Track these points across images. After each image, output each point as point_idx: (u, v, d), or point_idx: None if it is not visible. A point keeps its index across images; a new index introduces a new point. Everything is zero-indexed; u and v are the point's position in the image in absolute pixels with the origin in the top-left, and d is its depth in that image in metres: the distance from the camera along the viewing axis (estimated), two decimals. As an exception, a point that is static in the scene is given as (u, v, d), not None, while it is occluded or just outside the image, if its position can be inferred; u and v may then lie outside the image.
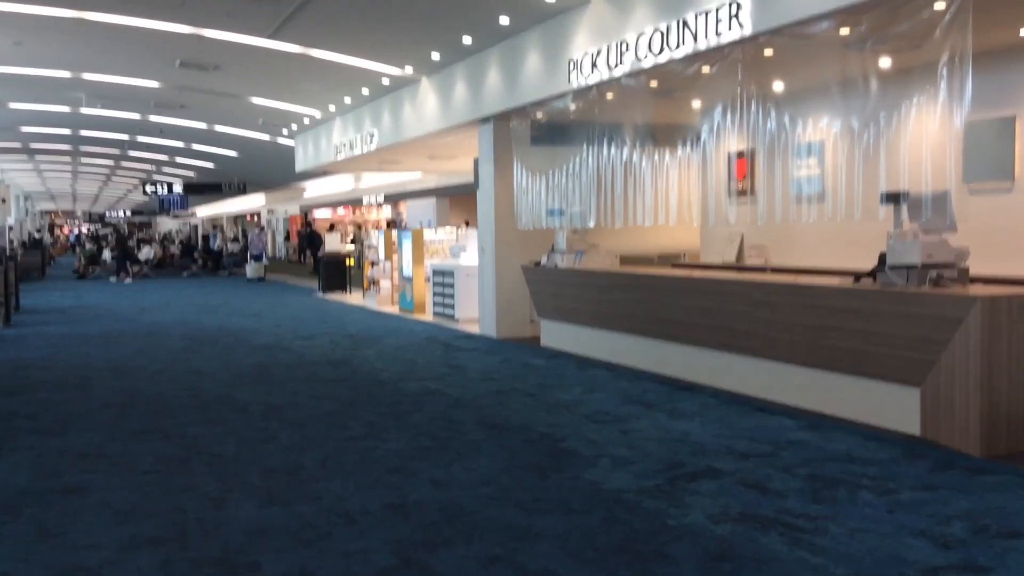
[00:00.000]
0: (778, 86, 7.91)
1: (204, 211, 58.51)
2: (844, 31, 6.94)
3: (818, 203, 8.55)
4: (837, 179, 7.22)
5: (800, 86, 7.62)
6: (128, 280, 27.08)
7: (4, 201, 38.80)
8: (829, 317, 6.85)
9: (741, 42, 7.47)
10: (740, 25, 7.36)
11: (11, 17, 12.26)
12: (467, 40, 11.75)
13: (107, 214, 68.34)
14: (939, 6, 6.18)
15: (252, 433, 6.63)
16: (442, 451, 6.01)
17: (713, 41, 7.66)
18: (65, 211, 75.38)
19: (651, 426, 6.67)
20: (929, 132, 6.87)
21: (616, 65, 9.04)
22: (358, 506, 4.81)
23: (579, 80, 9.70)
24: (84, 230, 65.44)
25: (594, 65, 9.40)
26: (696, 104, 9.23)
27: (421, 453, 5.96)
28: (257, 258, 27.41)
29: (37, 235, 48.17)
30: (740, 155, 10.69)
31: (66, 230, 71.53)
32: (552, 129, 11.15)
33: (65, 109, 19.93)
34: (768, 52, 7.68)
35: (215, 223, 55.30)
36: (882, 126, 6.81)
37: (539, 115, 11.22)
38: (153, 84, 16.76)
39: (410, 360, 10.17)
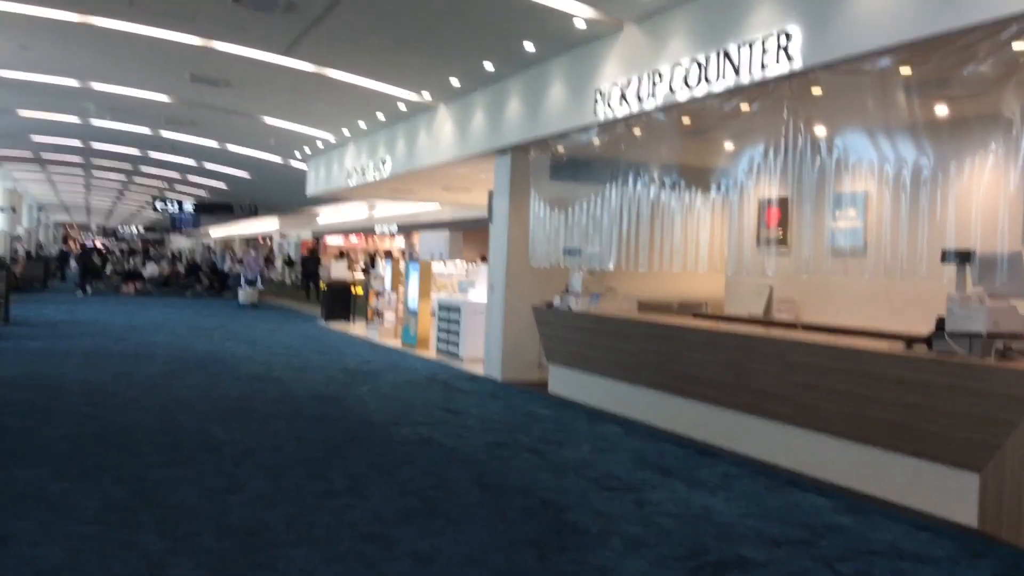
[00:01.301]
0: (827, 128, 7.20)
1: (217, 232, 58.26)
2: (905, 70, 6.26)
3: (865, 256, 7.78)
4: (897, 232, 6.45)
5: (853, 128, 6.90)
6: (80, 295, 26.00)
7: (15, 210, 38.57)
8: (875, 386, 6.07)
9: (789, 77, 6.79)
10: (789, 58, 6.68)
11: (16, 19, 11.76)
12: (488, 66, 11.16)
13: (119, 229, 68.13)
14: (1019, 47, 5.50)
15: (219, 480, 5.88)
16: (429, 516, 5.25)
17: (757, 75, 6.98)
18: (80, 224, 75.25)
19: (669, 498, 5.89)
20: (998, 188, 6.14)
21: (647, 98, 8.38)
22: (322, 584, 4.05)
23: (606, 113, 9.05)
24: (99, 244, 65.23)
25: (623, 97, 8.75)
26: (730, 145, 8.54)
27: (405, 517, 5.19)
28: (251, 282, 25.38)
29: (63, 248, 47.81)
30: (779, 202, 9.93)
31: (77, 243, 71.34)
32: (574, 163, 10.47)
33: (75, 120, 19.47)
34: (817, 90, 6.99)
35: (227, 244, 54.90)
36: (951, 175, 6.07)
37: (560, 148, 10.56)
38: (163, 98, 16.25)
39: (406, 401, 9.41)
